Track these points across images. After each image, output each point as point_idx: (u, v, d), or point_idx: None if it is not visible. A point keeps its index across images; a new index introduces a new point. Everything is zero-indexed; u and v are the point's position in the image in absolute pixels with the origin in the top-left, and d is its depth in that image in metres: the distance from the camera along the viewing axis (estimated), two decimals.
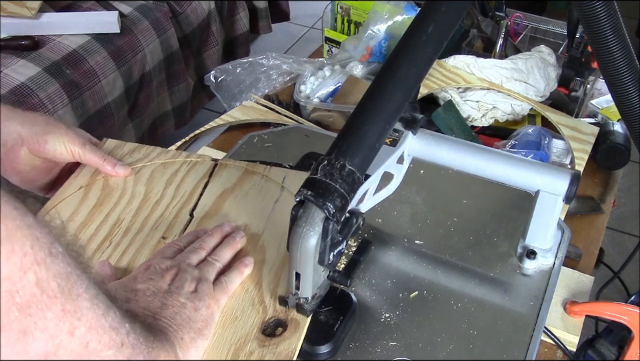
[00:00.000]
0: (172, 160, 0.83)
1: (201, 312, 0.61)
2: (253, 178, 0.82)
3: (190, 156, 0.84)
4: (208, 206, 0.78)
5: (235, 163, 0.84)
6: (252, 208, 0.78)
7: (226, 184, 0.81)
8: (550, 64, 1.21)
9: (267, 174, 0.82)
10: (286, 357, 0.61)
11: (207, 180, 0.81)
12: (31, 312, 0.39)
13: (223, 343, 0.62)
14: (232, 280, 0.67)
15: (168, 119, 2.17)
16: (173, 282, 0.62)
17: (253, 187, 0.81)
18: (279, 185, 0.81)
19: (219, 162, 0.84)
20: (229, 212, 0.77)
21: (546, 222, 0.75)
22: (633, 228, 2.09)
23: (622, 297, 0.98)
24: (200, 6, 2.17)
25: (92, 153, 0.78)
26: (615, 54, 0.67)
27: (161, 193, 0.79)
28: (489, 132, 1.18)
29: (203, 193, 0.79)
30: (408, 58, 0.62)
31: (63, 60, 1.73)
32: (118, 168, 0.80)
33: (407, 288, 0.73)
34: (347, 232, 0.60)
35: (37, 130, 0.74)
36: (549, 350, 0.77)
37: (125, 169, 0.80)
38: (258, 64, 1.31)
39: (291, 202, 0.76)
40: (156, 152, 0.84)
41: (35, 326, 0.40)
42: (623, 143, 1.08)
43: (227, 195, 0.80)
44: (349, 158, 0.57)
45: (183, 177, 0.81)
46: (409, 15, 1.30)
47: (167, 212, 0.76)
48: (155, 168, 0.82)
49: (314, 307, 0.64)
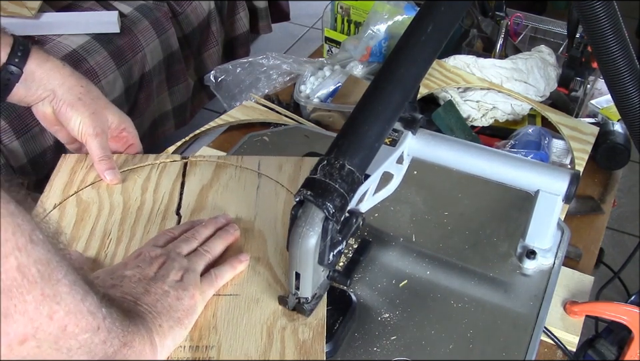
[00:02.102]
0: (140, 165, 0.82)
1: (184, 301, 0.61)
2: (228, 170, 0.83)
3: (158, 157, 0.84)
4: (192, 203, 0.78)
5: (205, 159, 0.84)
6: (236, 198, 0.79)
7: (203, 180, 0.81)
8: (550, 64, 1.21)
9: (240, 165, 0.83)
10: (318, 325, 0.64)
11: (181, 179, 0.81)
12: (12, 295, 0.41)
13: (254, 325, 0.64)
14: (222, 274, 0.67)
15: (168, 119, 2.17)
16: (160, 269, 0.63)
17: (230, 178, 0.82)
18: (255, 172, 0.82)
19: (188, 160, 0.84)
20: (215, 206, 0.78)
21: (546, 222, 0.75)
22: (633, 228, 2.09)
23: (622, 297, 0.98)
24: (200, 6, 2.17)
25: (96, 147, 0.78)
26: (614, 54, 0.67)
27: (140, 199, 0.78)
28: (489, 132, 1.18)
29: (182, 192, 0.80)
30: (407, 58, 0.62)
31: (63, 60, 1.73)
32: (107, 172, 0.79)
33: (407, 288, 0.73)
34: (347, 232, 0.60)
35: (68, 97, 0.76)
36: (548, 350, 0.77)
37: (113, 176, 0.79)
38: (258, 64, 1.31)
39: (271, 186, 0.80)
40: (122, 158, 0.83)
41: (14, 308, 0.41)
42: (623, 143, 1.08)
43: (207, 190, 0.80)
44: (349, 158, 0.58)
45: (157, 180, 0.81)
46: (409, 15, 1.30)
47: (152, 216, 0.76)
48: (126, 176, 0.81)
49: (314, 307, 0.64)
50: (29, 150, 1.60)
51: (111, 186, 0.79)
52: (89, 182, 0.80)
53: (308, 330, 0.63)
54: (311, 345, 0.62)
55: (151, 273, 0.62)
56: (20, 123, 1.58)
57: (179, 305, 0.61)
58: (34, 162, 1.62)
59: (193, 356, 0.61)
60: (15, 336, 0.42)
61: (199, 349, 0.61)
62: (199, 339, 0.62)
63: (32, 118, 1.60)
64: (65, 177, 0.81)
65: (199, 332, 0.63)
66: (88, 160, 0.82)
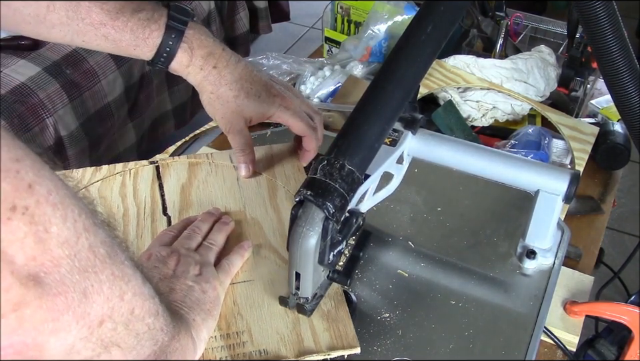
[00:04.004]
0: (111, 174, 0.81)
1: (209, 293, 0.62)
2: (202, 166, 0.84)
3: (126, 165, 0.82)
4: (177, 202, 0.79)
5: (175, 159, 0.85)
6: (220, 191, 0.80)
7: (181, 180, 0.81)
8: (550, 64, 1.21)
9: (213, 161, 0.84)
10: (336, 293, 0.67)
11: (158, 181, 0.81)
12: (88, 276, 0.40)
13: (276, 304, 0.66)
14: (234, 263, 0.69)
15: (168, 119, 2.17)
16: (177, 267, 0.64)
17: (208, 174, 0.82)
18: (230, 166, 0.84)
19: (158, 163, 0.84)
20: (200, 202, 0.78)
21: (546, 222, 0.75)
22: (633, 228, 2.09)
23: (622, 297, 0.99)
24: (200, 6, 2.17)
25: (232, 140, 0.79)
26: (614, 54, 0.67)
27: (122, 206, 0.78)
28: (489, 132, 1.18)
29: (163, 194, 0.79)
30: (407, 57, 0.62)
31: (63, 60, 1.73)
32: (242, 167, 0.81)
33: (407, 288, 0.73)
34: (347, 232, 0.60)
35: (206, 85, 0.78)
36: (548, 350, 0.77)
37: (246, 171, 0.81)
38: (258, 64, 1.31)
39: None
40: (88, 172, 0.81)
41: (92, 288, 0.41)
42: (623, 143, 1.08)
43: (188, 188, 0.80)
44: (349, 157, 0.58)
45: (134, 186, 0.80)
46: (409, 15, 1.30)
47: (141, 220, 0.76)
48: (99, 187, 0.80)
49: (314, 307, 0.64)
50: None
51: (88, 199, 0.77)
52: None
53: (329, 300, 0.66)
54: (336, 312, 0.66)
55: (169, 271, 0.63)
56: (20, 123, 1.58)
57: (205, 297, 0.62)
58: None
59: (226, 343, 0.63)
60: (95, 317, 0.41)
61: (230, 336, 0.64)
62: (227, 327, 0.64)
63: (32, 118, 1.60)
64: None
65: (225, 320, 0.65)
66: None
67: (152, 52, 0.73)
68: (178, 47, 0.74)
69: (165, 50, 0.73)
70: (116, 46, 0.73)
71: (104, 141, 1.85)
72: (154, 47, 0.73)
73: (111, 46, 0.73)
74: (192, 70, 0.77)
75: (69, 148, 1.71)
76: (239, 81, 0.77)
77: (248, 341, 0.63)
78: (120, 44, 0.73)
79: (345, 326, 0.65)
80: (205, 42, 0.76)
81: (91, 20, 0.71)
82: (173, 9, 0.74)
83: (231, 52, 0.79)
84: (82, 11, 0.70)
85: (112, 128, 1.86)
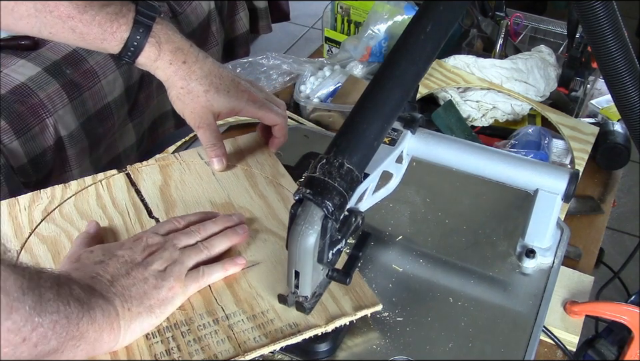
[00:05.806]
0: (83, 188, 0.79)
1: (161, 291, 0.62)
2: (175, 166, 0.84)
3: (95, 177, 0.80)
4: (160, 204, 0.78)
5: (144, 164, 0.84)
6: (200, 188, 0.81)
7: (157, 183, 0.81)
8: (550, 64, 1.21)
9: (182, 161, 0.85)
10: None
11: (134, 188, 0.80)
12: None
13: None
14: (211, 273, 0.67)
15: (168, 119, 2.17)
16: (148, 257, 0.64)
17: (182, 174, 0.82)
18: (201, 163, 0.84)
19: (128, 170, 0.82)
20: (184, 200, 0.78)
21: (545, 221, 0.75)
22: (633, 228, 2.09)
23: (622, 297, 0.99)
24: (200, 6, 2.18)
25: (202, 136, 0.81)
26: (614, 54, 0.67)
27: (105, 216, 0.76)
28: (489, 132, 1.18)
29: (143, 198, 0.79)
30: (406, 56, 0.62)
31: (63, 60, 1.73)
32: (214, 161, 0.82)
33: (406, 287, 0.73)
34: (346, 231, 0.60)
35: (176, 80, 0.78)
36: (548, 350, 0.77)
37: (220, 165, 0.82)
38: (258, 64, 1.31)
39: None
40: (58, 190, 0.78)
41: None
42: (623, 143, 1.08)
43: (167, 190, 0.80)
44: (348, 156, 0.58)
45: (110, 196, 0.79)
46: (409, 15, 1.30)
47: (129, 227, 0.75)
48: (74, 203, 0.77)
49: (313, 305, 0.64)
50: (29, 150, 1.60)
51: (69, 214, 0.76)
52: (38, 219, 0.74)
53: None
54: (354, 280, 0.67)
55: (139, 258, 0.64)
56: (20, 123, 1.58)
57: (154, 294, 0.62)
58: (34, 162, 1.62)
59: (255, 323, 0.64)
60: None
61: (257, 317, 0.64)
62: (251, 309, 0.65)
63: (32, 118, 1.61)
64: (9, 224, 0.74)
65: (247, 303, 0.66)
66: (23, 201, 0.76)
67: (119, 46, 0.75)
68: (146, 42, 0.75)
69: (133, 45, 0.74)
70: (83, 40, 0.74)
71: (104, 141, 1.85)
72: (121, 41, 0.74)
73: (79, 39, 0.74)
74: (160, 64, 0.77)
75: (69, 148, 1.71)
76: (208, 76, 0.79)
77: (275, 318, 0.64)
78: (87, 38, 0.74)
79: (362, 287, 0.68)
80: (172, 38, 0.77)
81: (58, 13, 0.72)
82: (140, 5, 0.75)
83: (198, 49, 0.81)
84: (50, 4, 0.71)
85: (112, 128, 1.86)
